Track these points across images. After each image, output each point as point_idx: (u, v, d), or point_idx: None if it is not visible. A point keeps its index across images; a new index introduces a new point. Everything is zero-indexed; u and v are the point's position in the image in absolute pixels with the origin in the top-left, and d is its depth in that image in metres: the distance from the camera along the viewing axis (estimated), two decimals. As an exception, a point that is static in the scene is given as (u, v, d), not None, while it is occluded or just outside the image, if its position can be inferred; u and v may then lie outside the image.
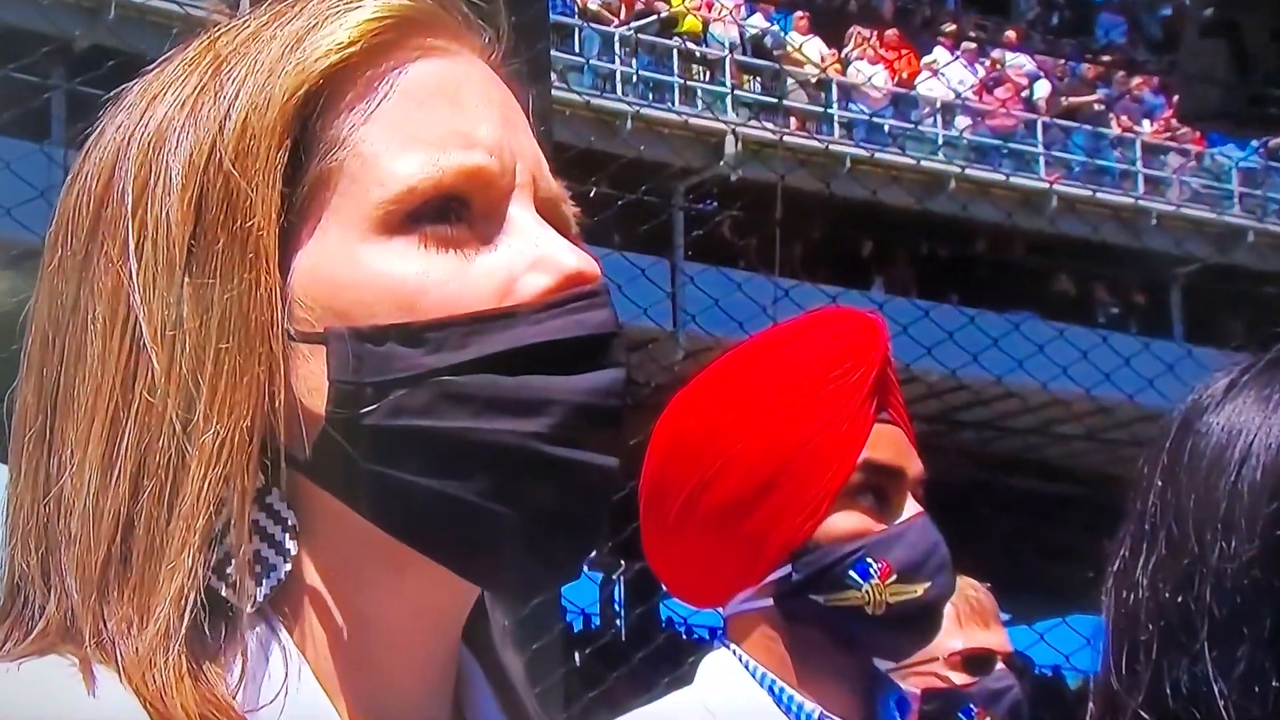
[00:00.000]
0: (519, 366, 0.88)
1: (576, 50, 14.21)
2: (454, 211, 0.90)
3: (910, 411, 1.83)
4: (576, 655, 9.02)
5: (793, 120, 15.41)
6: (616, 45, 15.23)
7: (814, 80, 15.82)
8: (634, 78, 15.35)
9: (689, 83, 15.60)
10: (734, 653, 1.80)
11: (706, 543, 1.78)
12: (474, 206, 0.91)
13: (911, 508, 1.78)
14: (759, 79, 16.20)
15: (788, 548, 1.75)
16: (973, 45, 17.26)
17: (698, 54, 15.87)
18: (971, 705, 2.40)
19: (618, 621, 15.18)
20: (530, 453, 0.87)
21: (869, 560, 1.74)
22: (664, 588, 1.94)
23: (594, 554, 0.95)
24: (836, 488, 1.74)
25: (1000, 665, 2.49)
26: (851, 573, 1.74)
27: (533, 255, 0.90)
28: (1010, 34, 17.57)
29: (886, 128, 15.52)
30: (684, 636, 12.14)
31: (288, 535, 0.88)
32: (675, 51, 15.58)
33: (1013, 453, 15.50)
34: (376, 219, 0.89)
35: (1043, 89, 17.45)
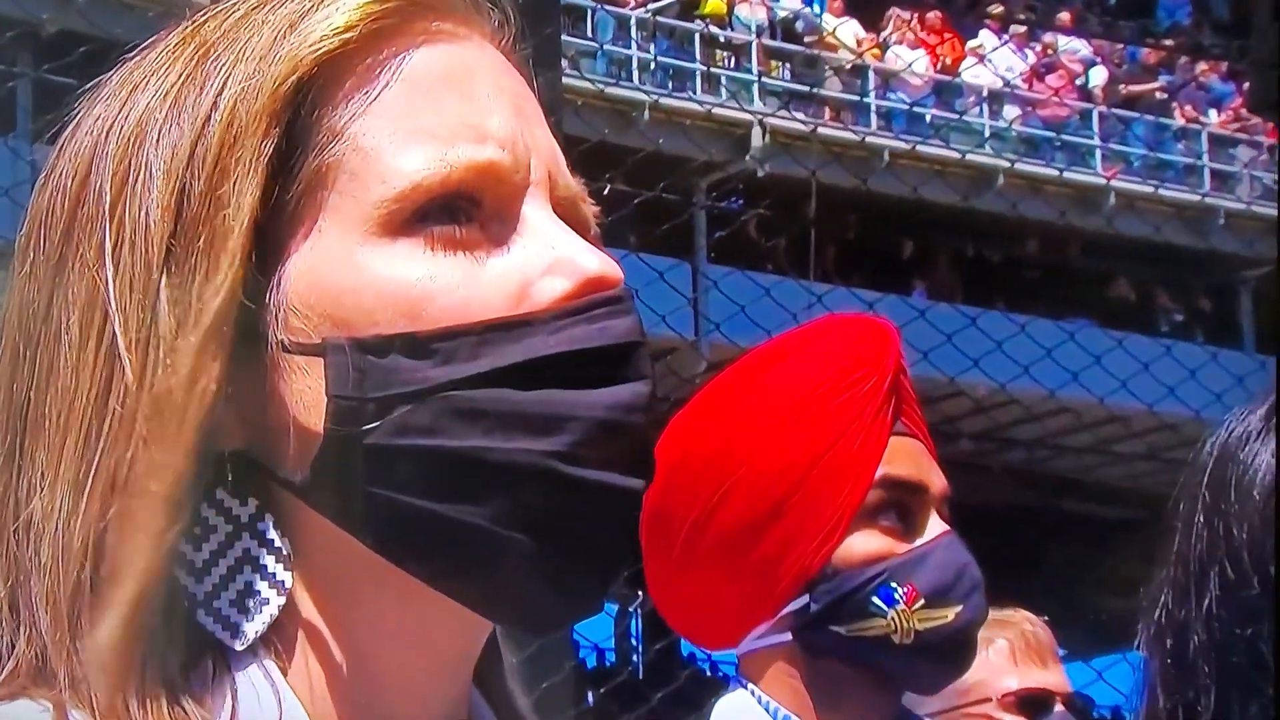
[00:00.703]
0: (535, 379, 0.87)
1: (589, 34, 14.23)
2: (463, 210, 0.90)
3: (955, 429, 1.84)
4: (590, 695, 9.02)
5: (826, 110, 15.40)
6: (633, 29, 15.25)
7: (849, 67, 15.82)
8: (652, 64, 15.36)
9: (712, 70, 15.61)
10: (751, 693, 1.80)
11: (715, 575, 1.78)
12: (485, 205, 0.91)
13: (936, 526, 1.78)
14: (789, 65, 16.20)
15: (803, 576, 1.75)
16: (1022, 29, 17.26)
17: (722, 38, 15.88)
18: (1028, 749, 2.40)
19: (634, 658, 15.19)
20: (548, 474, 0.87)
21: (893, 584, 1.74)
22: (678, 624, 1.94)
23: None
24: (854, 507, 1.75)
25: (1059, 706, 2.49)
26: (875, 599, 1.74)
27: (549, 258, 0.90)
28: (1063, 16, 17.55)
29: (928, 118, 15.51)
30: (707, 674, 12.12)
31: (281, 565, 0.88)
32: (697, 36, 15.60)
33: (1067, 473, 15.48)
34: (378, 219, 0.89)
35: (1099, 76, 17.44)
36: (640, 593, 1.85)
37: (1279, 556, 1.02)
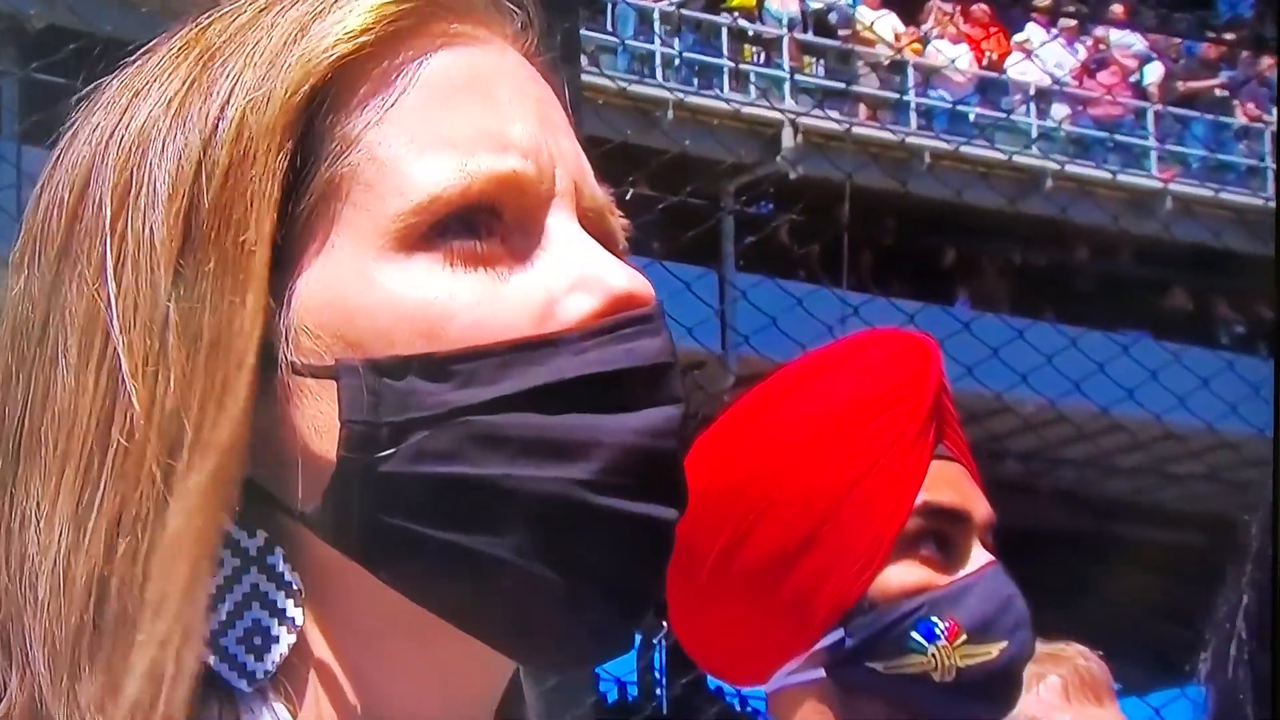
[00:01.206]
0: (561, 403, 0.88)
1: (610, 28, 14.23)
2: (484, 224, 0.90)
3: (1001, 448, 1.84)
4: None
5: (862, 109, 15.39)
6: (656, 23, 15.25)
7: (887, 62, 15.80)
8: (677, 60, 15.35)
9: (741, 66, 15.60)
10: (781, 733, 1.80)
11: (744, 607, 1.78)
12: (507, 218, 0.91)
13: (980, 556, 1.77)
14: (823, 61, 16.19)
15: (838, 609, 1.75)
16: (1072, 22, 17.23)
17: (751, 32, 15.87)
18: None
19: (658, 692, 15.16)
20: (575, 503, 0.87)
21: (934, 619, 1.74)
22: (704, 658, 1.94)
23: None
24: (892, 536, 1.74)
25: (1114, 746, 2.48)
26: (914, 634, 1.74)
27: (575, 273, 0.91)
28: (1116, 8, 17.52)
29: (972, 117, 15.48)
30: (735, 710, 12.11)
31: (291, 601, 0.89)
32: (725, 30, 15.59)
33: (1121, 496, 15.43)
34: (395, 233, 0.89)
35: (1154, 72, 17.41)
36: (665, 624, 1.85)
37: (1275, 564, 1.02)
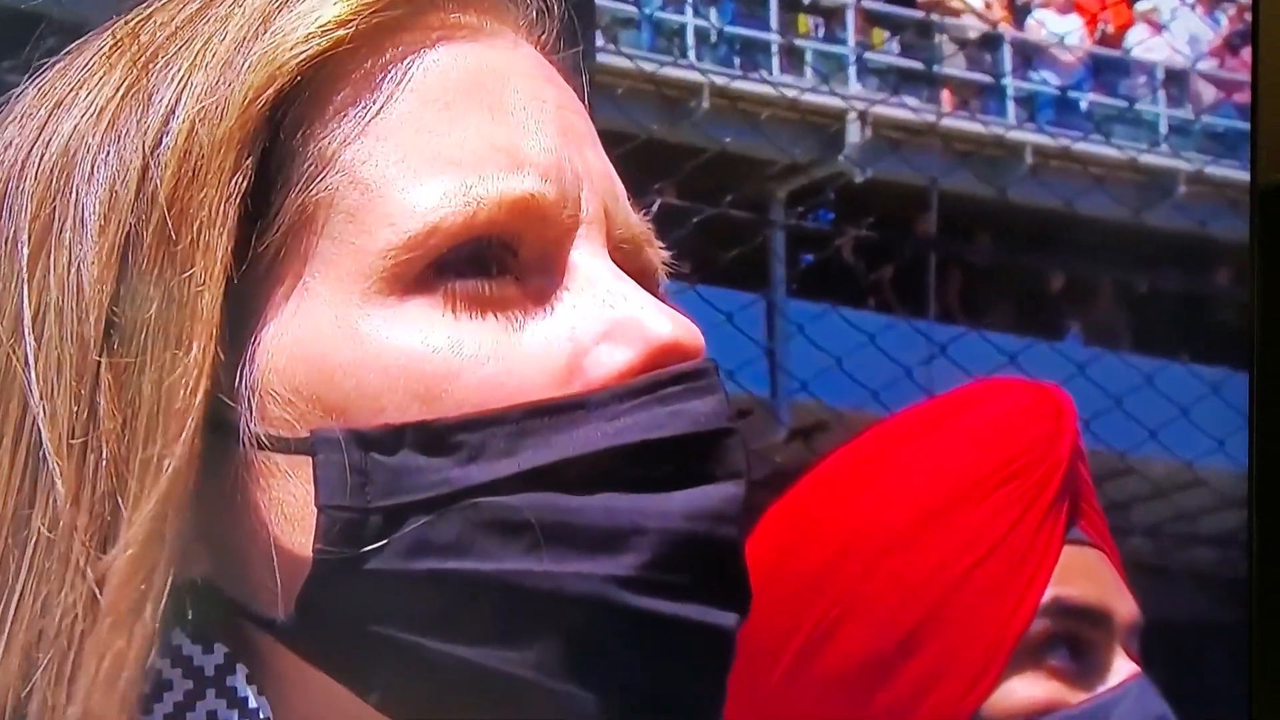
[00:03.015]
0: (592, 481, 0.88)
1: (630, -4, 14.24)
2: (495, 260, 0.91)
3: (1126, 521, 1.83)
4: None
5: (946, 95, 15.39)
6: (688, -11, 15.27)
7: (978, 38, 15.81)
8: (714, 35, 15.37)
9: (795, 42, 15.61)
10: None
11: (825, 718, 1.79)
12: (523, 252, 0.91)
13: (1123, 667, 1.77)
14: (897, 36, 16.20)
15: (946, 728, 1.75)
16: (1210, -16, 17.24)
17: (807, 1, 15.89)
18: None
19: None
20: (612, 607, 0.87)
21: None
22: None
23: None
24: (1013, 641, 1.74)
25: None
26: None
27: (607, 319, 0.91)
28: (1264, -33, 17.52)
29: (1084, 106, 15.46)
30: None
31: (257, 731, 0.88)
32: (774, -3, 15.61)
33: (1276, 580, 15.38)
34: (384, 273, 0.89)
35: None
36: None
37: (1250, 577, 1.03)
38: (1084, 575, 1.76)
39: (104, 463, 0.87)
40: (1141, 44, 16.29)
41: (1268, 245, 2.92)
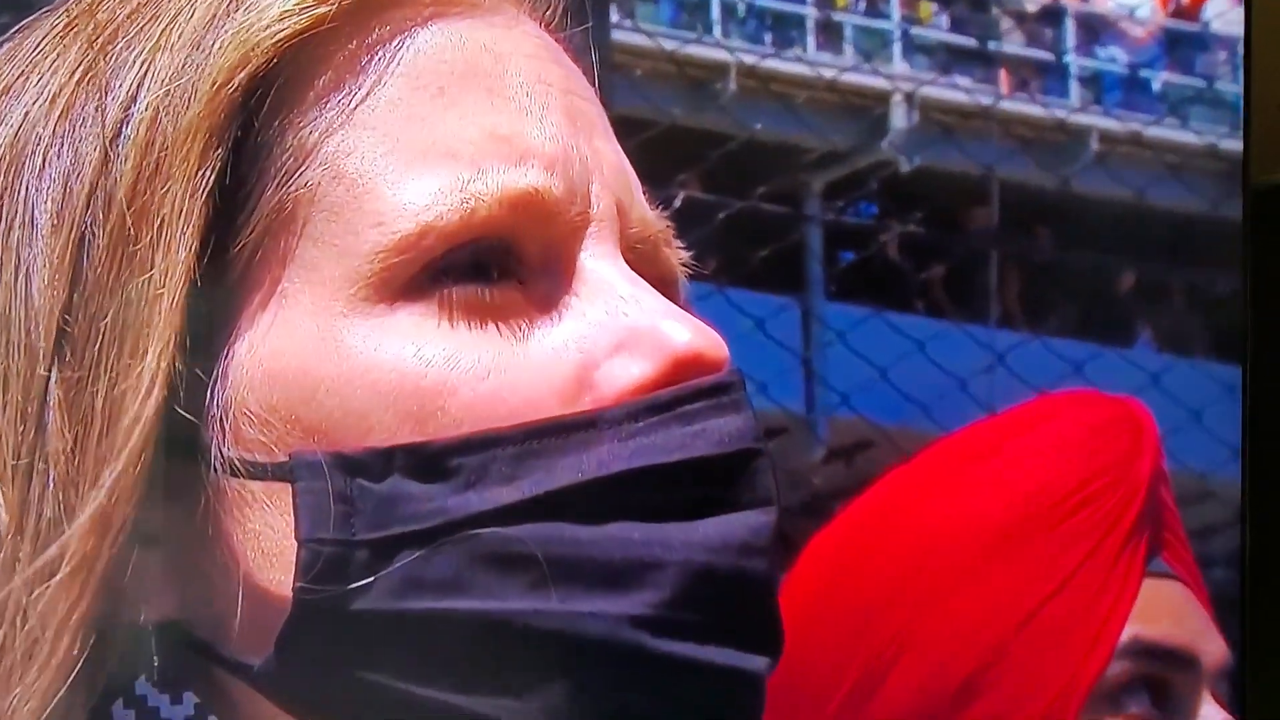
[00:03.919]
0: (605, 509, 0.88)
1: (649, -35, 14.27)
2: (495, 263, 0.91)
3: (1206, 550, 1.82)
4: None
5: (1003, 76, 15.41)
6: (714, -42, 15.30)
7: (1037, 11, 15.83)
8: (742, 9, 15.40)
9: (833, 16, 15.64)
10: None
11: (879, 773, 1.78)
12: (527, 254, 0.91)
13: (1212, 714, 1.77)
14: (947, 9, 16.23)
15: (1014, 782, 1.74)
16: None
17: (846, -31, 15.92)
18: None
19: None
20: (628, 649, 0.87)
21: None
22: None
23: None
24: (1086, 687, 1.74)
25: None
26: None
27: (620, 329, 0.91)
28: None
29: (1157, 86, 15.47)
30: None
31: (230, 792, 0.89)
32: (810, -34, 15.64)
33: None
34: (372, 278, 0.89)
35: None
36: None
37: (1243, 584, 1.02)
38: (1167, 612, 1.76)
39: (50, 487, 0.87)
40: (1221, 16, 16.31)
41: (1259, 247, 2.92)
